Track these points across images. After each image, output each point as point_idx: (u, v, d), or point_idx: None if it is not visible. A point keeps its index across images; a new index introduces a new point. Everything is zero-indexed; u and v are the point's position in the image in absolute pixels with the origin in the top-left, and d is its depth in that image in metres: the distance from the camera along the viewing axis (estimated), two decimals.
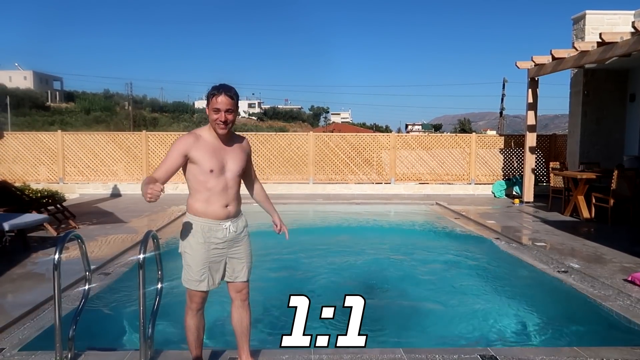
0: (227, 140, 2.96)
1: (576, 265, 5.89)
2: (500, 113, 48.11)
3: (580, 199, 9.26)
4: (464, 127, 68.30)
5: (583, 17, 11.31)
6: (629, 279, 5.20)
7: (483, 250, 7.30)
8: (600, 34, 7.80)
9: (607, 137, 11.67)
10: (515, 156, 13.72)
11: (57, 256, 3.10)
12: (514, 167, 13.68)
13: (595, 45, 8.30)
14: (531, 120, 11.55)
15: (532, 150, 11.66)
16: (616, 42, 7.65)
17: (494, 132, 32.24)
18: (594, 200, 8.92)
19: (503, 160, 13.75)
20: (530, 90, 11.42)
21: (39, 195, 8.34)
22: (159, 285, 3.51)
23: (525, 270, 6.16)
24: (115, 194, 13.12)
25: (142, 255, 3.13)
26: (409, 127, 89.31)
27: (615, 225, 8.43)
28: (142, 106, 71.60)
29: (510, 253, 6.85)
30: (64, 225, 7.96)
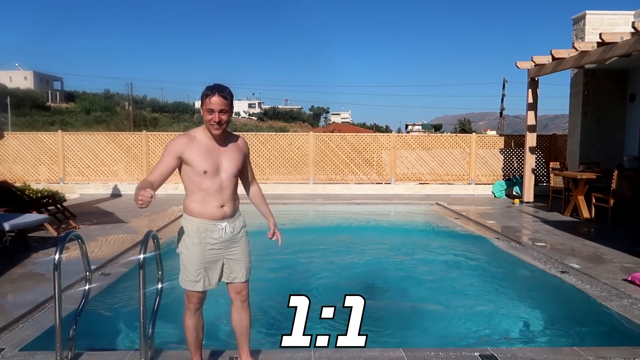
0: (222, 140, 2.94)
1: (576, 265, 5.89)
2: (501, 113, 48.13)
3: (581, 199, 9.26)
4: (464, 127, 68.35)
5: (583, 18, 11.31)
6: (629, 278, 5.20)
7: (483, 251, 7.30)
8: (600, 34, 7.80)
9: (607, 137, 11.68)
10: (515, 156, 13.73)
11: (57, 256, 3.10)
12: (514, 167, 13.68)
13: (595, 45, 8.31)
14: (531, 121, 11.55)
15: (532, 150, 11.66)
16: (616, 42, 7.66)
17: (494, 132, 32.26)
18: (594, 201, 8.92)
19: (503, 160, 13.75)
20: (530, 90, 11.42)
21: (40, 195, 8.35)
22: (159, 285, 3.52)
23: (525, 270, 6.16)
24: (116, 194, 13.13)
25: (142, 255, 3.13)
26: (409, 127, 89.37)
27: (615, 225, 8.44)
28: (143, 106, 71.59)
29: (510, 253, 6.85)
30: (64, 226, 7.97)
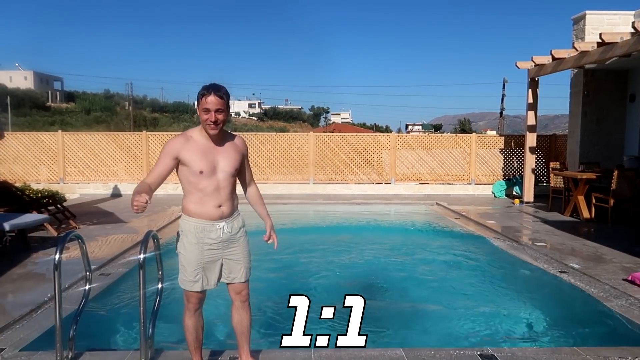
0: (219, 140, 2.93)
1: (576, 265, 5.89)
2: (501, 113, 48.13)
3: (581, 199, 9.26)
4: (464, 127, 68.33)
5: (583, 18, 11.31)
6: (629, 278, 5.21)
7: (483, 251, 7.31)
8: (600, 34, 7.80)
9: (607, 137, 11.68)
10: (515, 156, 13.72)
11: (57, 256, 3.10)
12: (514, 167, 13.68)
13: (595, 45, 8.31)
14: (531, 121, 11.55)
15: (532, 150, 11.66)
16: (616, 43, 7.66)
17: (494, 132, 32.27)
18: (594, 201, 8.92)
19: (503, 160, 13.75)
20: (530, 90, 11.42)
21: (40, 195, 8.34)
22: (159, 285, 3.52)
23: (525, 270, 6.16)
24: (116, 194, 13.13)
25: (142, 255, 3.14)
26: (409, 127, 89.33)
27: (615, 226, 8.44)
28: (143, 106, 71.58)
29: (510, 253, 6.85)
30: (64, 226, 7.97)
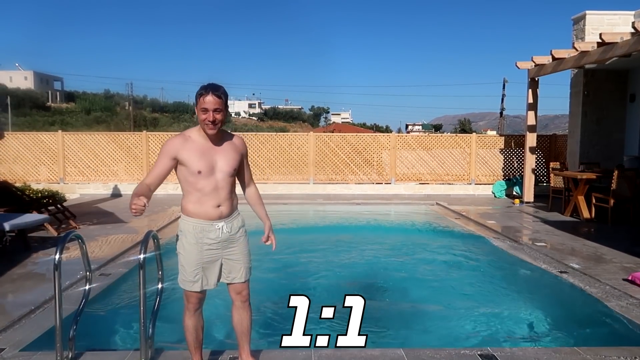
0: (217, 140, 2.92)
1: (576, 265, 5.89)
2: (501, 113, 48.13)
3: (581, 199, 9.26)
4: (464, 127, 68.30)
5: (583, 18, 11.31)
6: (629, 278, 5.20)
7: (483, 251, 7.30)
8: (600, 34, 7.80)
9: (607, 137, 11.68)
10: (515, 156, 13.72)
11: (57, 256, 3.10)
12: (514, 167, 13.68)
13: (596, 45, 8.31)
14: (531, 121, 11.55)
15: (532, 150, 11.66)
16: (616, 43, 7.66)
17: (494, 132, 32.29)
18: (594, 201, 8.92)
19: (503, 160, 13.75)
20: (530, 90, 11.42)
21: (40, 195, 8.34)
22: (159, 285, 3.52)
23: (525, 270, 6.16)
24: (116, 194, 13.13)
25: (142, 255, 3.14)
26: (409, 127, 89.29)
27: (616, 226, 8.44)
28: (143, 106, 71.57)
29: (511, 253, 6.85)
30: (64, 226, 7.97)
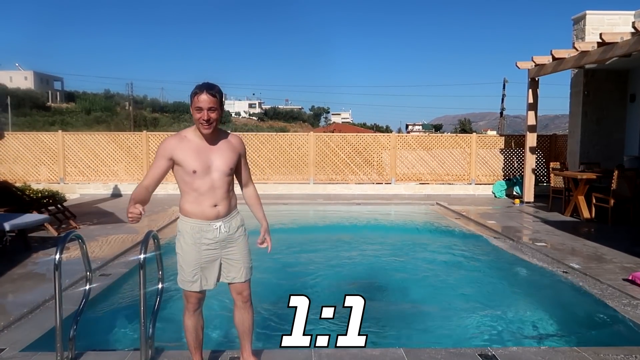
0: (213, 139, 2.90)
1: (576, 265, 5.89)
2: (501, 113, 48.11)
3: (581, 199, 9.26)
4: (464, 127, 68.25)
5: (583, 18, 11.31)
6: (630, 278, 5.21)
7: (483, 250, 7.31)
8: (600, 34, 7.80)
9: (608, 137, 11.68)
10: (515, 156, 13.72)
11: (57, 256, 3.10)
12: (515, 168, 13.68)
13: (596, 45, 8.30)
14: (531, 121, 11.55)
15: (532, 150, 11.66)
16: (616, 43, 7.66)
17: (494, 132, 32.29)
18: (594, 201, 8.92)
19: (503, 160, 13.75)
20: (530, 90, 11.42)
21: (40, 195, 8.35)
22: (159, 285, 3.52)
23: (525, 270, 6.17)
24: (116, 194, 13.13)
25: (142, 255, 3.13)
26: (410, 127, 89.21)
27: (616, 226, 8.44)
28: (143, 106, 71.56)
29: (511, 253, 6.85)
30: (64, 226, 7.98)
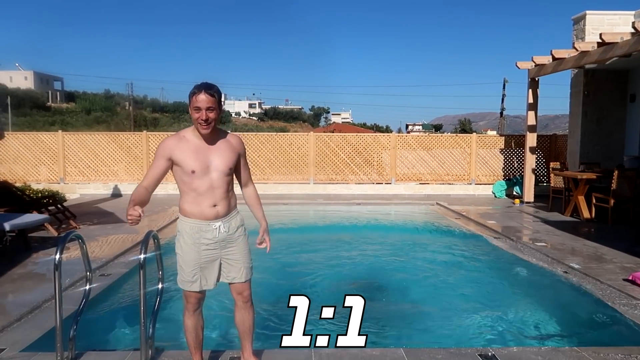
0: (212, 139, 2.90)
1: (576, 265, 5.89)
2: (501, 113, 48.11)
3: (581, 199, 9.26)
4: (464, 127, 68.22)
5: (583, 18, 11.31)
6: (630, 278, 5.21)
7: (483, 250, 7.31)
8: (600, 34, 7.80)
9: (608, 137, 11.68)
10: (515, 156, 13.72)
11: (57, 256, 3.10)
12: (515, 168, 13.68)
13: (596, 45, 8.30)
14: (531, 121, 11.55)
15: (532, 150, 11.66)
16: (616, 43, 7.65)
17: (494, 132, 32.28)
18: (594, 201, 8.92)
19: (503, 160, 13.75)
20: (530, 90, 11.42)
21: (40, 195, 8.35)
22: (159, 285, 3.52)
23: (525, 270, 6.17)
24: (116, 194, 13.13)
25: (142, 255, 3.14)
26: (410, 127, 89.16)
27: (616, 226, 8.43)
28: (143, 106, 71.56)
29: (511, 253, 6.85)
30: (64, 226, 7.98)
